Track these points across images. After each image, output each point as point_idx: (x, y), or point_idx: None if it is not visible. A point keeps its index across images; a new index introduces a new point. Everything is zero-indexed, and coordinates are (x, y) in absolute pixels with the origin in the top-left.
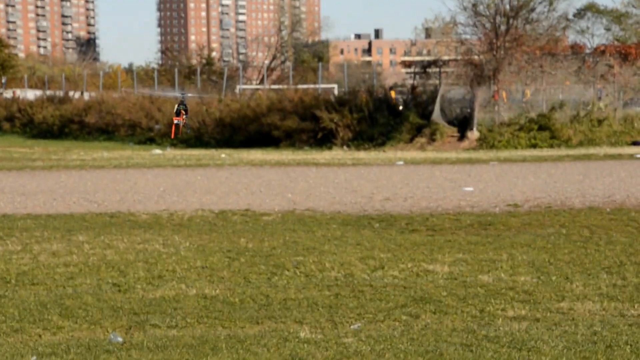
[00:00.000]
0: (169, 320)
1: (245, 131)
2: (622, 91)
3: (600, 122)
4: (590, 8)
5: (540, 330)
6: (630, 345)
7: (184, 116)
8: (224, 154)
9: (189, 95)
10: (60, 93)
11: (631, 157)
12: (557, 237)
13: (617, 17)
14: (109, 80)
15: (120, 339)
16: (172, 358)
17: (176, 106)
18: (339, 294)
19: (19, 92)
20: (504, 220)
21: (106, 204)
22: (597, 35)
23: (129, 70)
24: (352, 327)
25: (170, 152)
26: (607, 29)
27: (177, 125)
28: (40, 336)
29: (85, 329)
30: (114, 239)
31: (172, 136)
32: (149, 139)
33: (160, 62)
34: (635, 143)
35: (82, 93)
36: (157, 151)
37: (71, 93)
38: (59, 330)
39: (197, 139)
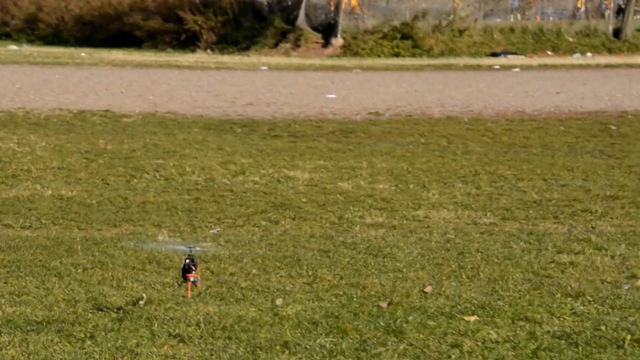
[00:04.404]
0: (22, 220)
1: (107, 30)
2: (483, 2)
3: (461, 32)
4: None
5: (396, 237)
6: (481, 252)
7: (194, 272)
8: (83, 52)
9: (197, 249)
10: None
11: (490, 68)
12: (416, 146)
13: None
14: None
15: None
16: (25, 259)
17: (185, 261)
18: (199, 198)
19: None
20: (365, 128)
21: None
22: None
23: None
24: (211, 231)
25: (27, 49)
26: None
27: (193, 282)
28: None
29: None
30: None
31: (189, 296)
32: (5, 34)
33: None
34: (494, 54)
35: None
36: (14, 47)
37: None
38: None
39: (55, 35)
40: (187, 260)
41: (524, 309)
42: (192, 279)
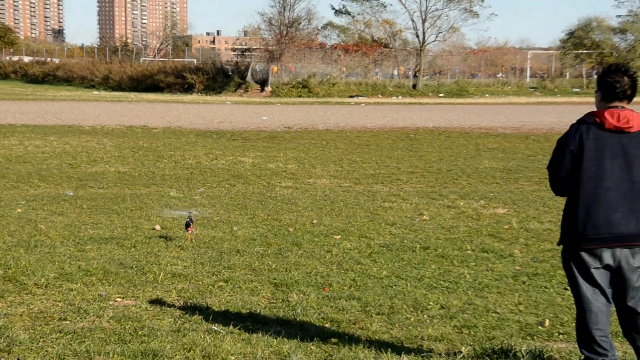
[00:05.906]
0: (98, 184)
1: (145, 83)
2: (345, 68)
3: (334, 84)
4: (330, 24)
5: (298, 193)
6: (343, 202)
7: (192, 227)
8: (132, 95)
9: (194, 213)
10: (43, 59)
11: (349, 103)
12: (310, 145)
13: (343, 29)
14: (70, 53)
15: (71, 194)
16: (99, 204)
17: (186, 220)
18: (193, 172)
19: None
20: (282, 135)
21: (66, 120)
22: (333, 38)
23: (82, 47)
24: (198, 190)
25: (103, 93)
26: (339, 35)
27: (191, 233)
28: (27, 190)
29: (53, 187)
30: (70, 140)
31: (189, 241)
32: (92, 85)
33: (98, 44)
34: (351, 96)
35: (57, 60)
36: (95, 92)
37: (49, 59)
38: (38, 188)
39: (118, 86)
40: (188, 219)
41: (364, 231)
42: (190, 231)
